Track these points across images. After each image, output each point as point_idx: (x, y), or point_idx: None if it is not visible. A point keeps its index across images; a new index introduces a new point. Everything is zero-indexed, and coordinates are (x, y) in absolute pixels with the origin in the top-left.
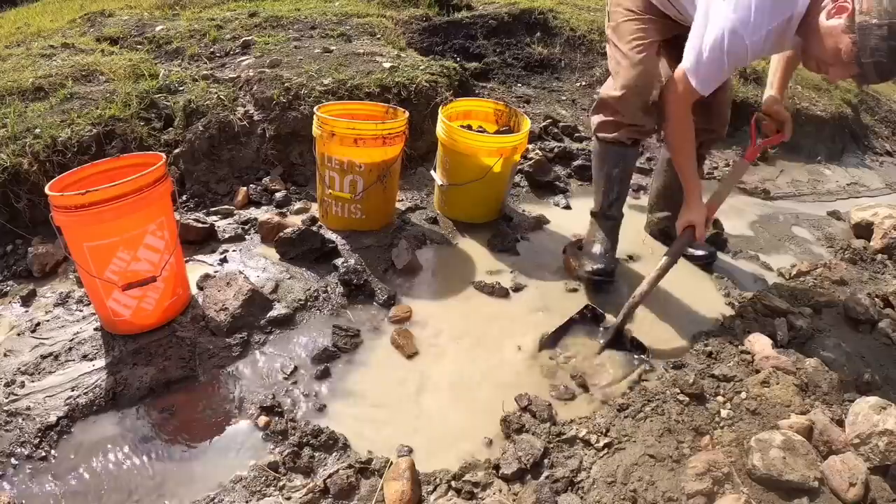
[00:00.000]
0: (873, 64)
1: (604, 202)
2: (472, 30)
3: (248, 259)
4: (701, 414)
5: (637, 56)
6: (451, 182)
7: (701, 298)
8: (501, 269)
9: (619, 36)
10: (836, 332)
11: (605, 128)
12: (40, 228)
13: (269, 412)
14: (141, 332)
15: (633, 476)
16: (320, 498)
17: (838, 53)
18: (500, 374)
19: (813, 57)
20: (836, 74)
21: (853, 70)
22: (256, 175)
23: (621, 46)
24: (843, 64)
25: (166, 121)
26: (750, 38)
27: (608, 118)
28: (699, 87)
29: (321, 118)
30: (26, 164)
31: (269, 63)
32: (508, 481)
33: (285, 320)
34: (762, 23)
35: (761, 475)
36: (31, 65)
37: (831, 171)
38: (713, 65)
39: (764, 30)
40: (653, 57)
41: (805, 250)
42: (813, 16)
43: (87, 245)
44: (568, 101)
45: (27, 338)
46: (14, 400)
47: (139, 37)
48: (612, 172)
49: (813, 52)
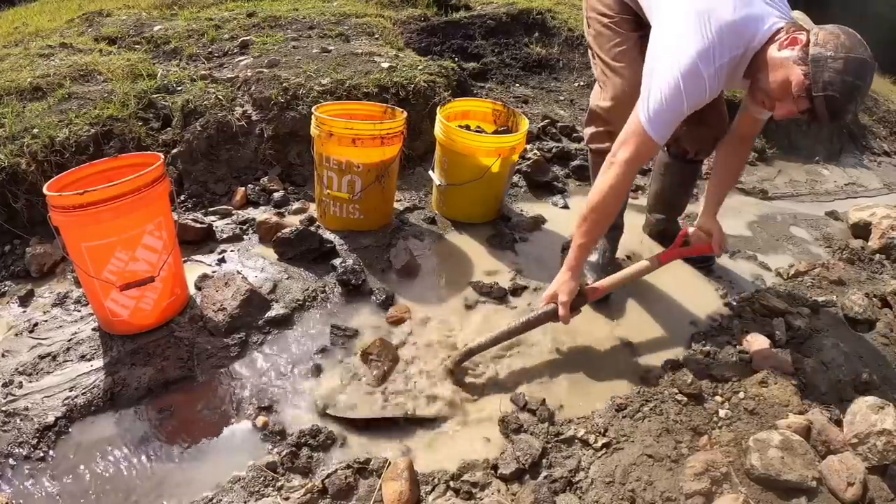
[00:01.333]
0: (825, 98)
1: None
2: (471, 30)
3: (247, 259)
4: (699, 414)
5: (620, 65)
6: (450, 182)
7: (699, 298)
8: (500, 269)
9: (599, 45)
10: (834, 331)
11: (597, 138)
12: (38, 228)
13: (268, 412)
14: (139, 332)
15: (632, 476)
16: (319, 498)
17: (788, 87)
18: (499, 375)
19: (760, 90)
20: (782, 110)
21: (802, 105)
22: (255, 175)
23: (603, 56)
24: (793, 99)
25: (164, 121)
26: (706, 71)
27: (600, 129)
28: (658, 136)
29: (319, 118)
30: (24, 163)
31: (268, 63)
32: (507, 481)
33: (283, 320)
34: (718, 54)
35: (760, 475)
36: (29, 64)
37: (829, 171)
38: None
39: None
40: (635, 60)
41: (803, 250)
42: (765, 50)
43: (85, 245)
44: (566, 102)
45: (25, 338)
46: (12, 400)
47: (137, 37)
48: None
49: (761, 86)
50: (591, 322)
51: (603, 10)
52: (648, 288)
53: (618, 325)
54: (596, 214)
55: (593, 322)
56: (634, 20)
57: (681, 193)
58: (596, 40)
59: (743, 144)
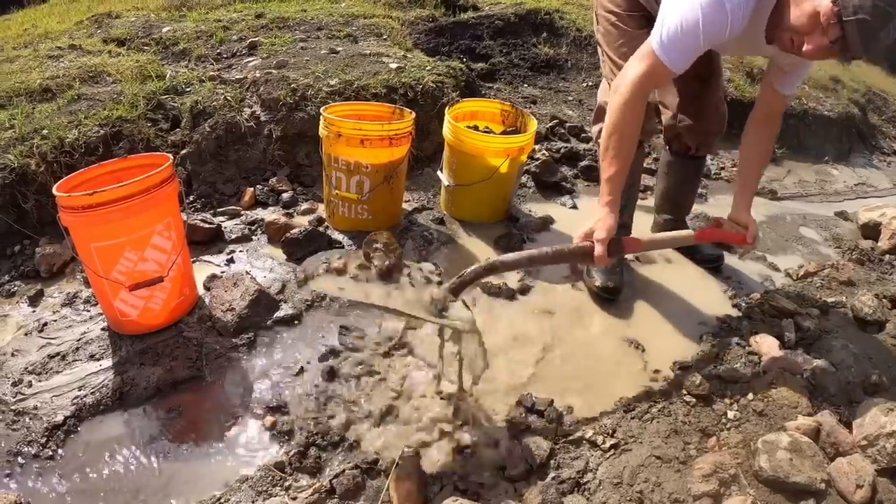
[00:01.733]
0: (856, 23)
1: None
2: (479, 30)
3: (255, 259)
4: (708, 415)
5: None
6: (458, 183)
7: (708, 299)
8: None
9: (607, 42)
10: (844, 333)
11: None
12: (48, 229)
13: (276, 412)
14: (148, 332)
15: (640, 477)
16: (326, 498)
17: (816, 18)
18: (507, 375)
19: (788, 29)
20: (812, 45)
21: (833, 33)
22: (263, 176)
23: (611, 53)
24: (822, 30)
25: (173, 122)
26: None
27: None
28: (670, 62)
29: (328, 119)
30: (34, 164)
31: (276, 64)
32: (515, 482)
33: (292, 320)
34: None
35: (768, 477)
36: (38, 66)
37: (839, 171)
38: (687, 38)
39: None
40: None
41: (812, 251)
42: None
43: (94, 245)
44: (574, 102)
45: (34, 337)
46: (21, 399)
47: (146, 38)
48: None
49: (787, 24)
50: (600, 322)
51: (611, 8)
52: (657, 288)
53: (626, 326)
54: (616, 136)
55: (602, 322)
56: (643, 17)
57: (686, 191)
58: (604, 38)
59: (769, 123)
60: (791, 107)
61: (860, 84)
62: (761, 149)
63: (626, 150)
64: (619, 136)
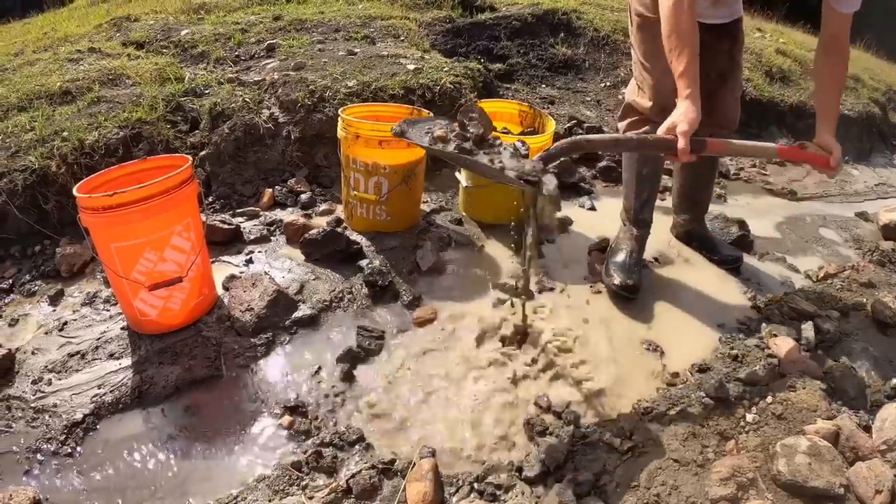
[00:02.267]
0: None
1: (635, 204)
2: (496, 31)
3: (274, 260)
4: (726, 418)
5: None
6: (476, 183)
7: (726, 301)
8: None
9: (636, 43)
10: (864, 335)
11: (633, 127)
12: (68, 229)
13: (293, 412)
14: (167, 331)
15: (657, 480)
16: (343, 498)
17: None
18: (526, 377)
19: None
20: None
21: None
22: (282, 177)
23: (638, 55)
24: None
25: (192, 123)
26: None
27: (634, 118)
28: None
29: (346, 120)
30: (54, 166)
31: (294, 66)
32: (531, 484)
33: (310, 321)
34: None
35: (786, 481)
36: (58, 69)
37: (859, 171)
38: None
39: None
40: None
41: (832, 252)
42: None
43: (114, 246)
44: (592, 102)
45: (55, 336)
46: (41, 397)
47: (165, 41)
48: (642, 171)
49: None
50: (618, 324)
51: (639, 10)
52: (676, 289)
53: (644, 327)
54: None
55: (620, 324)
56: None
57: (702, 188)
58: (635, 38)
59: (835, 48)
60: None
61: (881, 83)
62: (833, 74)
63: (689, 43)
64: (677, 35)
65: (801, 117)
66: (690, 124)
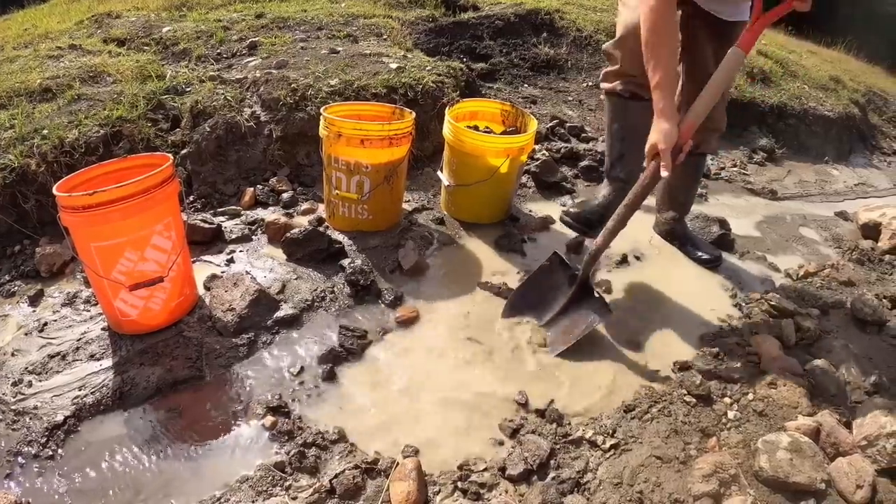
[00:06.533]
0: None
1: (608, 160)
2: (479, 30)
3: (255, 259)
4: (708, 415)
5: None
6: (458, 183)
7: (707, 299)
8: (508, 269)
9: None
10: (844, 333)
11: (606, 78)
12: (48, 229)
13: (276, 412)
14: (148, 332)
15: (640, 477)
16: (326, 498)
17: None
18: (508, 376)
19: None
20: None
21: None
22: (263, 176)
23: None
24: None
25: (173, 122)
26: None
27: (609, 69)
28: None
29: (328, 119)
30: (34, 164)
31: (276, 64)
32: (514, 482)
33: (292, 321)
34: None
35: (768, 477)
36: (38, 66)
37: (839, 171)
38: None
39: None
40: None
41: (812, 251)
42: None
43: (94, 245)
44: (574, 102)
45: (34, 337)
46: (21, 399)
47: (146, 38)
48: (612, 127)
49: None
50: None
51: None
52: (657, 288)
53: (626, 326)
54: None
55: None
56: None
57: (687, 188)
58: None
59: None
60: (791, 106)
61: (860, 84)
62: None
63: (665, 55)
64: (654, 43)
65: (782, 118)
66: (668, 141)
